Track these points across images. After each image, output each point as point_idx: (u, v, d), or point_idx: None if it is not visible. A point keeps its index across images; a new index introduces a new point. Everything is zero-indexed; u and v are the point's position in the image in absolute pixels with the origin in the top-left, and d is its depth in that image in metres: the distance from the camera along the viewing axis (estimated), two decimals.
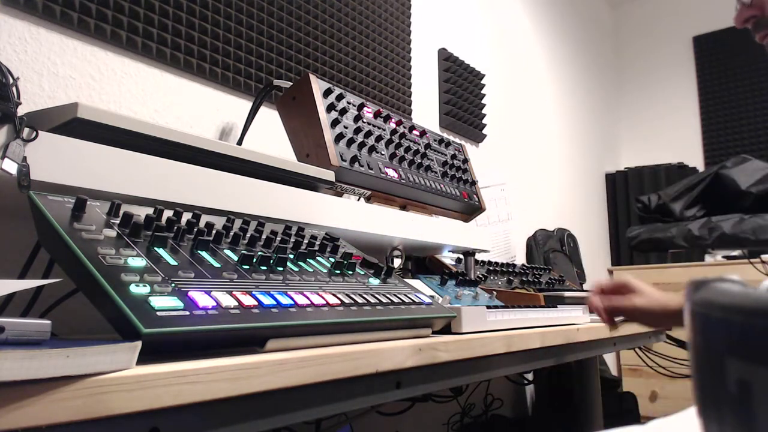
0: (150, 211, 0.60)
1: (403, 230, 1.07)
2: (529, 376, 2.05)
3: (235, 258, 0.60)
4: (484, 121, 2.29)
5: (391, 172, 1.14)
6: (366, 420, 1.36)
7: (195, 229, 0.61)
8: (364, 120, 1.15)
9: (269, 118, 1.36)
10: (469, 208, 1.39)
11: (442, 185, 1.28)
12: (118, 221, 0.56)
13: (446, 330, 0.76)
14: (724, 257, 2.68)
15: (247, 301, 0.51)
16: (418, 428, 1.60)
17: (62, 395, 0.34)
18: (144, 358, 0.39)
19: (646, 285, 0.98)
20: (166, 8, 1.19)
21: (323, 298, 0.59)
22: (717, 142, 3.45)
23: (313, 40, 1.52)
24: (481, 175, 1.64)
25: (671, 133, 3.64)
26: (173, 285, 0.48)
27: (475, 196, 1.40)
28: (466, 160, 1.45)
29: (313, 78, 1.08)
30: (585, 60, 3.48)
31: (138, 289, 0.45)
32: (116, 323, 0.44)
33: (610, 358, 2.82)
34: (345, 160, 1.03)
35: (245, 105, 1.32)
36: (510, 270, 1.52)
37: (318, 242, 0.77)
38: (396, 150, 1.20)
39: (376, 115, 1.21)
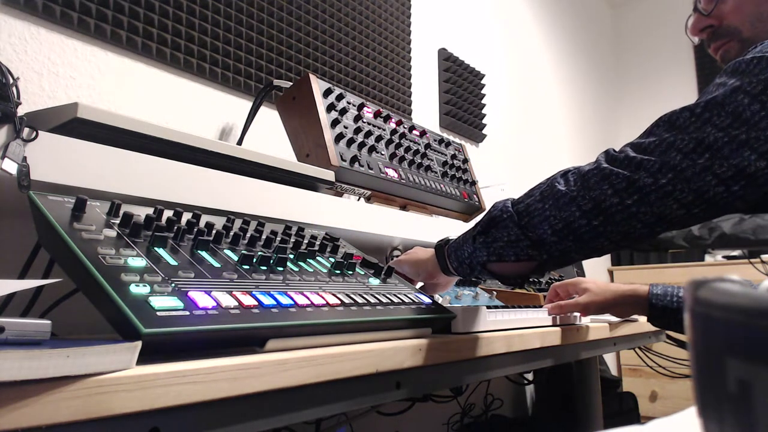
0: (150, 211, 0.60)
1: (403, 230, 1.07)
2: (529, 376, 2.04)
3: (235, 258, 0.60)
4: (484, 121, 2.29)
5: (391, 172, 1.14)
6: (366, 420, 1.36)
7: (195, 229, 0.61)
8: (364, 120, 1.15)
9: (269, 118, 1.36)
10: (469, 208, 1.39)
11: (442, 185, 1.28)
12: (118, 221, 0.56)
13: (446, 330, 0.76)
14: (724, 257, 2.68)
15: (247, 301, 0.51)
16: (418, 428, 1.60)
17: (62, 395, 0.34)
18: (144, 358, 0.39)
19: (594, 282, 1.08)
20: (166, 8, 1.19)
21: (323, 298, 0.59)
22: None
23: (313, 40, 1.52)
24: (481, 175, 1.63)
25: None
26: (173, 285, 0.48)
27: (475, 196, 1.40)
28: (466, 160, 1.45)
29: (313, 78, 1.08)
30: (585, 60, 3.47)
31: (138, 289, 0.45)
32: (116, 323, 0.44)
33: (610, 358, 2.82)
34: (345, 160, 1.03)
35: (245, 105, 1.32)
36: None
37: (318, 242, 0.77)
38: (396, 150, 1.20)
39: (376, 115, 1.21)
